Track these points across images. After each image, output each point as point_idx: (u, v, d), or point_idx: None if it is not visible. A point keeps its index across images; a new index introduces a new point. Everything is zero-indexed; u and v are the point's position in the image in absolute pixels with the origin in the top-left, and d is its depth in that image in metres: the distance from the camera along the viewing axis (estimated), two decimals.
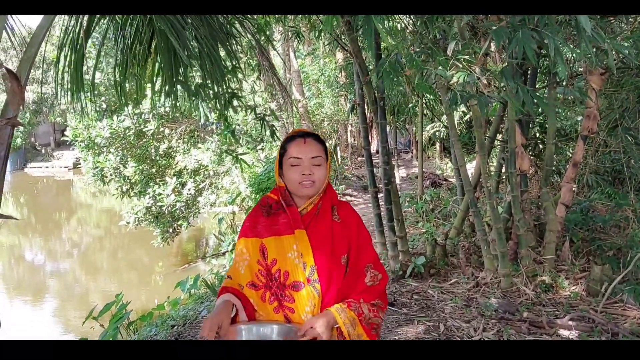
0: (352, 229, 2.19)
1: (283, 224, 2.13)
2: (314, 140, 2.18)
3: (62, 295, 12.20)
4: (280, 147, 2.23)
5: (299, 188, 2.12)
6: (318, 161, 2.14)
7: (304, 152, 2.13)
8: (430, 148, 19.77)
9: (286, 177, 2.16)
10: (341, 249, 2.12)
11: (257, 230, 2.17)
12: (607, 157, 8.01)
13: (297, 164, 2.12)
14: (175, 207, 11.21)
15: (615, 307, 4.88)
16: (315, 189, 2.14)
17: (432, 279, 5.98)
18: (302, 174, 2.10)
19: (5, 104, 2.98)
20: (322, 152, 2.17)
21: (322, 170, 2.15)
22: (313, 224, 2.13)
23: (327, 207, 2.18)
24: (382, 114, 6.27)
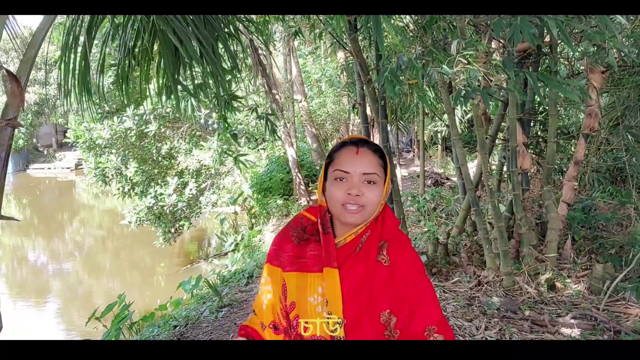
0: (404, 277, 1.63)
1: (312, 257, 1.66)
2: (370, 151, 1.67)
3: (65, 296, 12.24)
4: (327, 156, 1.75)
5: (342, 212, 1.62)
6: (372, 179, 1.63)
7: (355, 164, 1.63)
8: (431, 147, 19.76)
9: (328, 195, 1.66)
10: (382, 302, 1.59)
11: (281, 259, 1.72)
12: (609, 156, 7.99)
13: (343, 179, 1.63)
14: (177, 207, 11.22)
15: (617, 305, 4.87)
16: (363, 217, 1.62)
17: (434, 278, 5.97)
18: (348, 193, 1.60)
19: (5, 105, 2.98)
20: (379, 168, 1.66)
21: (376, 192, 1.63)
22: (350, 263, 1.63)
23: (374, 241, 1.66)
24: (383, 113, 6.27)
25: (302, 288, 1.64)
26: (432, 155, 19.70)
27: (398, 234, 1.72)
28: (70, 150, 31.32)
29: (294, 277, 1.66)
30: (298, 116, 15.91)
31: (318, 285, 1.61)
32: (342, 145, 1.71)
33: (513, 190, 5.89)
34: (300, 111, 15.11)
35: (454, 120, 6.27)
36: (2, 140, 2.84)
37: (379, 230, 1.68)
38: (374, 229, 1.67)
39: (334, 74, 17.42)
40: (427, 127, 15.66)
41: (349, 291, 1.58)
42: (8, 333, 3.21)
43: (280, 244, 1.76)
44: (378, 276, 1.61)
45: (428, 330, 1.58)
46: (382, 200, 1.66)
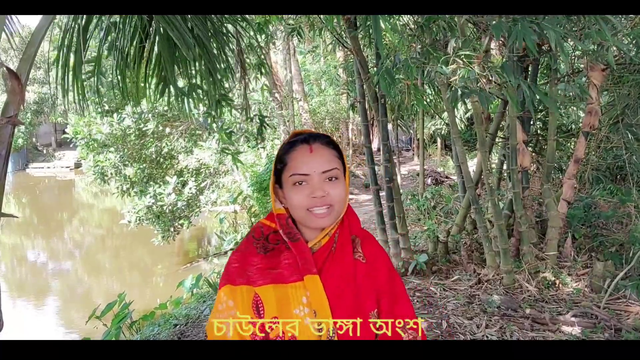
0: (382, 273, 1.57)
1: (287, 267, 1.50)
2: (324, 146, 1.54)
3: (65, 295, 12.24)
4: (275, 159, 1.58)
5: (309, 218, 1.49)
6: (333, 175, 1.50)
7: (311, 164, 1.49)
8: (431, 146, 19.78)
9: (290, 202, 1.52)
10: (369, 302, 1.51)
11: (248, 274, 1.51)
12: (609, 154, 8.00)
13: (303, 182, 1.49)
14: (177, 206, 11.22)
15: (618, 303, 4.87)
16: (333, 217, 1.50)
17: (434, 276, 5.97)
18: (312, 197, 1.47)
19: (5, 103, 2.98)
20: (337, 161, 1.53)
21: (341, 187, 1.51)
22: (329, 266, 1.51)
23: (347, 239, 1.57)
24: (383, 111, 6.26)
25: (283, 301, 1.46)
26: (432, 154, 19.72)
27: (363, 230, 1.65)
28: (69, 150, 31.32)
29: (271, 290, 1.47)
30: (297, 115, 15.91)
31: (301, 296, 1.45)
32: (291, 146, 1.54)
33: (513, 188, 5.88)
34: (300, 110, 15.12)
35: (454, 118, 6.27)
36: (2, 137, 2.84)
37: (347, 226, 1.59)
38: (342, 226, 1.58)
39: (333, 72, 17.43)
40: (427, 125, 15.67)
41: (334, 296, 1.46)
42: (8, 332, 3.21)
43: (244, 259, 1.54)
44: (359, 275, 1.53)
45: (403, 325, 1.53)
46: (347, 193, 1.54)
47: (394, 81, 4.22)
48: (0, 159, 2.87)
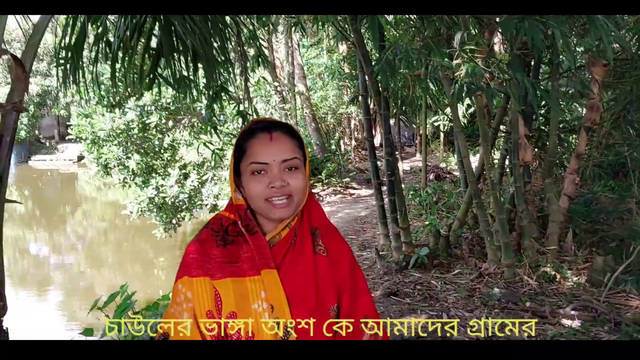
0: (344, 267, 1.55)
1: (246, 260, 1.46)
2: (285, 135, 1.50)
3: (67, 287, 12.28)
4: (234, 147, 1.55)
5: (268, 208, 1.46)
6: (293, 164, 1.48)
7: (271, 153, 1.46)
8: (434, 141, 19.77)
9: (248, 192, 1.48)
10: (329, 297, 1.49)
11: (207, 266, 1.46)
12: (611, 150, 7.99)
13: (262, 172, 1.46)
14: (179, 198, 11.24)
15: (618, 297, 4.89)
16: (292, 209, 1.47)
17: (435, 270, 5.99)
18: (271, 187, 1.44)
19: (10, 89, 3.01)
20: (298, 151, 1.50)
21: (301, 178, 1.48)
22: (289, 260, 1.48)
23: (306, 231, 1.53)
24: (386, 105, 6.28)
25: (243, 295, 1.42)
26: (434, 149, 19.71)
27: (326, 222, 1.61)
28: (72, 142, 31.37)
29: (229, 283, 1.43)
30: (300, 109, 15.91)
31: (260, 290, 1.42)
32: (250, 133, 1.51)
33: (515, 183, 5.91)
34: (303, 105, 15.12)
35: (457, 113, 6.29)
36: (7, 123, 2.87)
37: (307, 218, 1.55)
38: (303, 218, 1.54)
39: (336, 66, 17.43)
40: (430, 121, 15.67)
41: (294, 292, 1.43)
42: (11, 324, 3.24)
43: (203, 251, 1.49)
44: (320, 269, 1.49)
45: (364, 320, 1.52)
46: (307, 184, 1.51)
47: (394, 74, 4.22)
48: (5, 145, 2.89)
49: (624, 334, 4.14)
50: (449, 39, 4.80)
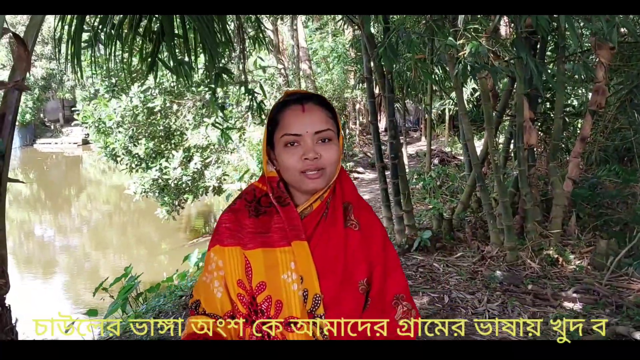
0: (376, 242, 1.52)
1: (277, 231, 1.47)
2: (318, 106, 1.48)
3: (72, 269, 12.35)
4: (268, 119, 1.53)
5: (302, 180, 1.44)
6: (326, 136, 1.45)
7: (304, 124, 1.43)
8: (439, 126, 19.71)
9: (282, 164, 1.47)
10: (359, 271, 1.47)
11: (239, 236, 1.49)
12: (617, 135, 7.96)
13: (295, 143, 1.44)
14: (182, 180, 11.26)
15: (620, 280, 4.89)
16: (325, 180, 1.45)
17: (437, 253, 6.00)
18: (305, 159, 1.42)
19: (12, 68, 3.01)
20: (331, 122, 1.47)
21: (334, 150, 1.46)
22: (320, 232, 1.48)
23: (338, 205, 1.51)
24: (390, 88, 6.25)
25: (273, 266, 1.44)
26: (440, 134, 19.66)
27: (358, 197, 1.59)
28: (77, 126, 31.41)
29: (260, 254, 1.45)
30: None
31: (290, 261, 1.43)
32: (283, 105, 1.49)
33: (519, 166, 5.89)
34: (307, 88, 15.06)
35: (462, 96, 6.26)
36: (9, 102, 2.87)
37: (340, 191, 1.53)
38: (335, 191, 1.53)
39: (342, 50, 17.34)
40: (435, 105, 15.62)
41: (323, 264, 1.44)
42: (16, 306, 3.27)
43: (237, 221, 1.51)
44: (351, 242, 1.48)
45: (396, 299, 1.51)
46: (340, 156, 1.50)
47: (396, 57, 4.20)
48: (7, 124, 2.90)
49: (625, 317, 4.14)
50: (454, 20, 4.76)
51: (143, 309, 6.16)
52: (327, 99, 1.55)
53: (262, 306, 1.43)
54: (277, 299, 1.42)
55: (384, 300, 1.49)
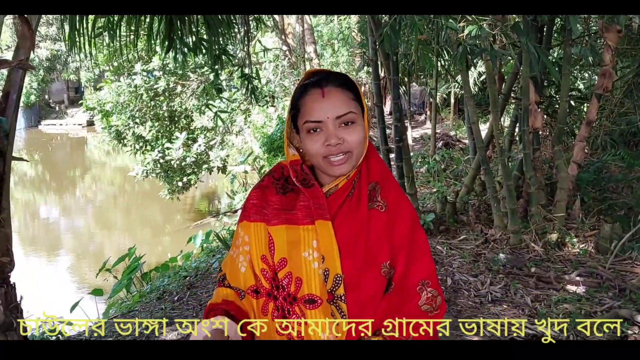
0: (402, 225, 1.46)
1: (302, 209, 1.47)
2: (338, 88, 1.43)
3: (77, 250, 12.43)
4: (290, 103, 1.50)
5: (327, 166, 1.43)
6: (349, 119, 1.42)
7: (324, 110, 1.41)
8: (444, 109, 19.63)
9: (306, 150, 1.46)
10: (383, 253, 1.43)
11: (264, 212, 1.51)
12: (623, 119, 7.91)
13: (317, 130, 1.42)
14: (185, 161, 11.29)
15: (624, 264, 4.89)
16: (352, 164, 1.43)
17: (441, 236, 6.00)
18: (327, 145, 1.40)
19: (16, 47, 3.00)
20: (353, 104, 1.44)
21: (358, 132, 1.42)
22: (345, 212, 1.45)
23: (364, 186, 1.48)
24: (395, 70, 6.22)
25: (295, 243, 1.44)
26: (445, 117, 19.58)
27: (388, 176, 1.54)
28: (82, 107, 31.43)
29: (283, 230, 1.46)
30: None
31: (312, 239, 1.42)
32: (303, 89, 1.46)
33: (524, 150, 5.87)
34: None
35: (467, 78, 6.23)
36: (13, 81, 2.86)
37: (366, 171, 1.49)
38: (361, 170, 1.49)
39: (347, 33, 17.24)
40: (440, 89, 15.54)
41: (345, 244, 1.42)
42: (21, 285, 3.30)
43: (263, 197, 1.53)
44: (375, 224, 1.44)
45: (421, 285, 1.44)
46: (366, 136, 1.46)
47: (398, 39, 4.17)
48: (11, 103, 2.90)
49: (628, 300, 4.15)
50: None
51: (147, 289, 6.20)
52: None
53: (283, 282, 1.44)
54: (297, 276, 1.42)
55: (408, 285, 1.44)
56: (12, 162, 3.16)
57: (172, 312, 4.82)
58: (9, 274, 3.13)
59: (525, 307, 4.20)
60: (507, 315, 4.08)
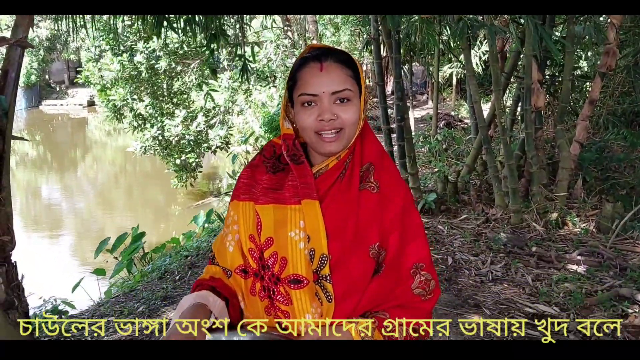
0: (394, 206, 1.44)
1: (290, 188, 1.44)
2: (337, 64, 1.41)
3: (78, 230, 12.44)
4: (288, 76, 1.48)
5: (318, 142, 1.41)
6: (344, 96, 1.39)
7: (321, 84, 1.38)
8: (446, 89, 19.54)
9: (299, 123, 1.44)
10: (371, 235, 1.40)
11: (253, 191, 1.49)
12: (626, 99, 7.87)
13: (312, 103, 1.40)
14: (184, 138, 11.28)
15: (625, 243, 4.89)
16: (342, 143, 1.41)
17: (442, 215, 6.00)
18: (320, 120, 1.38)
19: (14, 25, 2.97)
20: (351, 81, 1.41)
21: (353, 110, 1.40)
22: (334, 193, 1.43)
23: (356, 165, 1.45)
24: (397, 48, 6.18)
25: (281, 222, 1.41)
26: (447, 97, 19.51)
27: (383, 157, 1.51)
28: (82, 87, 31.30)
29: (271, 210, 1.43)
30: None
31: (299, 219, 1.40)
32: (302, 62, 1.43)
33: (526, 129, 5.84)
34: None
35: (469, 57, 6.19)
36: (11, 59, 2.84)
37: (359, 152, 1.47)
38: (354, 151, 1.46)
39: None
40: (443, 69, 15.46)
41: (333, 225, 1.39)
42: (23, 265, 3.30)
43: (253, 176, 1.51)
44: (365, 205, 1.41)
45: (415, 268, 1.43)
46: (361, 116, 1.43)
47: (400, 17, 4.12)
48: (10, 81, 2.87)
49: (629, 280, 4.15)
50: None
51: (149, 268, 6.22)
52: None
53: (268, 262, 1.41)
54: (282, 256, 1.39)
55: (401, 268, 1.42)
56: (14, 143, 3.14)
57: (174, 292, 4.84)
58: (10, 253, 3.13)
59: (526, 286, 4.21)
60: (507, 294, 4.09)
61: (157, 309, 4.45)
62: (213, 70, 5.45)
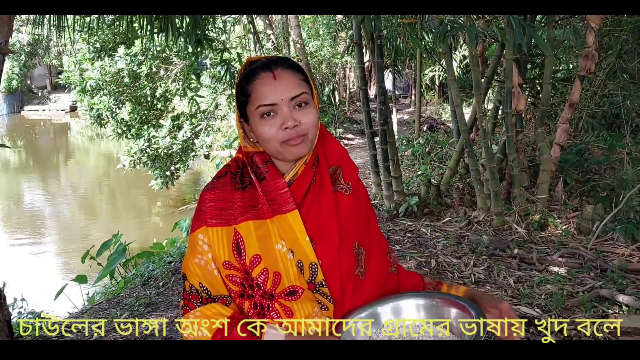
0: (364, 202, 1.54)
1: (264, 203, 1.40)
2: (288, 70, 1.40)
3: (61, 236, 12.33)
4: (236, 91, 1.44)
5: (285, 149, 1.38)
6: (303, 100, 1.38)
7: (278, 92, 1.36)
8: (428, 92, 19.65)
9: (261, 137, 1.39)
10: (351, 235, 1.45)
11: (227, 213, 1.42)
12: (605, 101, 7.95)
13: (271, 113, 1.37)
14: (172, 149, 11.20)
15: (605, 244, 4.95)
16: (308, 146, 1.40)
17: (425, 218, 6.04)
18: (285, 128, 1.35)
19: None
20: (304, 85, 1.41)
21: (312, 112, 1.40)
22: (310, 200, 1.43)
23: (325, 171, 1.47)
24: (379, 52, 6.21)
25: (265, 237, 1.38)
26: (429, 100, 19.61)
27: (347, 159, 1.55)
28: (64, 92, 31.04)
29: (251, 226, 1.38)
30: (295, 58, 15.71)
31: (281, 232, 1.38)
32: (251, 74, 1.40)
33: (507, 132, 5.90)
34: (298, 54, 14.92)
35: (451, 62, 6.23)
36: None
37: (323, 155, 1.48)
38: (319, 155, 1.46)
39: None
40: (425, 72, 15.55)
41: (318, 230, 1.40)
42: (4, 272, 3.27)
43: (223, 198, 1.43)
44: (342, 207, 1.45)
45: (388, 253, 1.57)
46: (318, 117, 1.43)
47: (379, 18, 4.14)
48: None
49: (609, 281, 4.20)
50: None
51: (132, 274, 6.19)
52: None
53: (258, 280, 1.37)
54: (274, 271, 1.36)
55: (379, 268, 1.51)
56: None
57: (158, 298, 4.82)
58: None
59: (508, 288, 4.25)
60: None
61: (140, 316, 4.42)
62: (197, 75, 5.46)
